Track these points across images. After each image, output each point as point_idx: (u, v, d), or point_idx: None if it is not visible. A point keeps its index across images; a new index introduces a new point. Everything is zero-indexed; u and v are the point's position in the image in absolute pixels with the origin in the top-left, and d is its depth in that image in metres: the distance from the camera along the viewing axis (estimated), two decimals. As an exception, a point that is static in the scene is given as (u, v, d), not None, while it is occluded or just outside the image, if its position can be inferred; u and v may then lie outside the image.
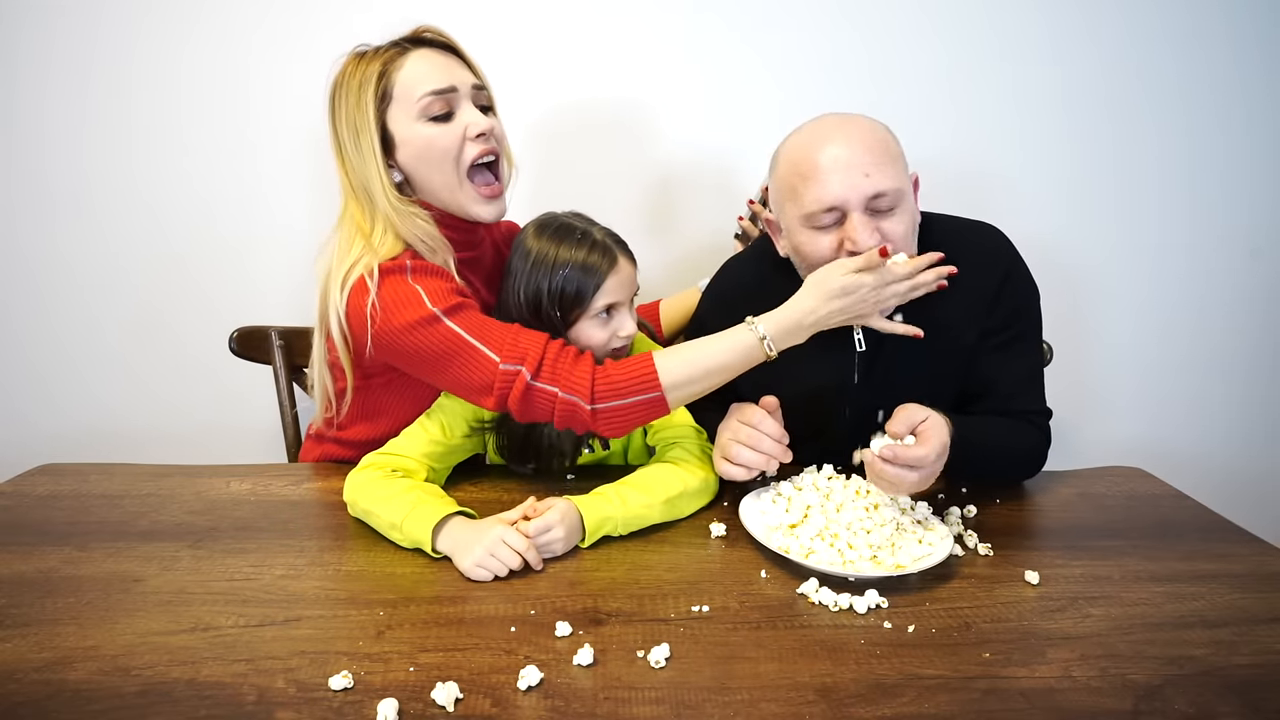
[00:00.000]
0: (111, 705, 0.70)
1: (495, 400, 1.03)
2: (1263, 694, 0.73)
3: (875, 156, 1.01)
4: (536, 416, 1.05)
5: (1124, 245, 1.75)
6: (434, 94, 1.07)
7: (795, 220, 1.06)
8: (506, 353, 1.02)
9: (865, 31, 1.61)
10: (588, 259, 1.06)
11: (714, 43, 1.61)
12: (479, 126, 1.10)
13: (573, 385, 1.02)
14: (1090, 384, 1.78)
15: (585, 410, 1.02)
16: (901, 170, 1.05)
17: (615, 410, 1.02)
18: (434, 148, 1.09)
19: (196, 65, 1.57)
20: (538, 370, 1.02)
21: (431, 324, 1.03)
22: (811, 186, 1.02)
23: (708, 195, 1.67)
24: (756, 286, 1.19)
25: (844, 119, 1.06)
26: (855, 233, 1.01)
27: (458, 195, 1.12)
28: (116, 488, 1.14)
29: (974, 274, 1.10)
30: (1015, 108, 1.65)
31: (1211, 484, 1.40)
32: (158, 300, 1.69)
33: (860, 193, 1.01)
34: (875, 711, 0.70)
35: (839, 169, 1.01)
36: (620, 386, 1.02)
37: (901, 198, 1.03)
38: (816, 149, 1.03)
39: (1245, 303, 1.79)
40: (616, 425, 1.04)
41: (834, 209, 1.02)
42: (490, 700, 0.71)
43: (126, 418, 1.74)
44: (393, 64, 1.08)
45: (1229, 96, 1.67)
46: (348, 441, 1.23)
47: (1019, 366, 1.15)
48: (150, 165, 1.62)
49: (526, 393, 1.02)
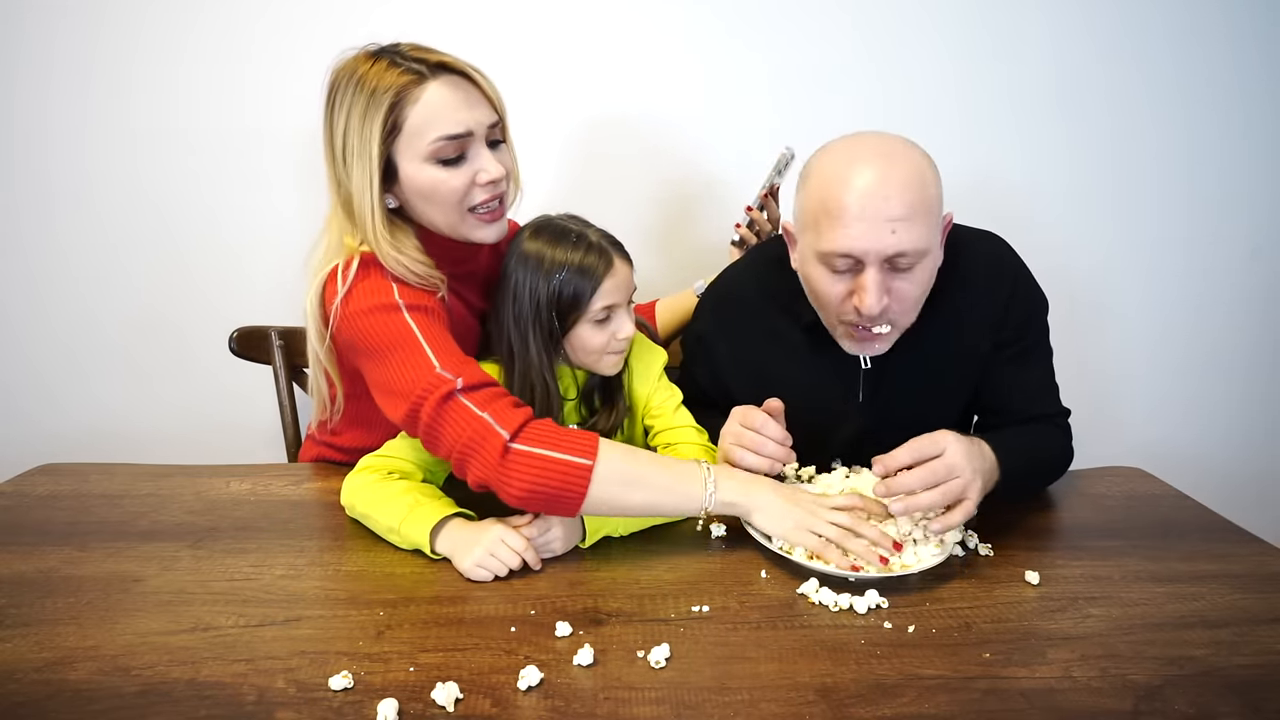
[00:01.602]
0: (111, 705, 0.70)
1: (408, 405, 0.94)
2: (1263, 694, 0.73)
3: (907, 210, 0.93)
4: (440, 438, 0.93)
5: (1123, 245, 1.75)
6: (447, 139, 1.00)
7: (811, 251, 1.01)
8: (449, 364, 0.95)
9: (868, 35, 1.61)
10: (584, 261, 1.05)
11: (714, 49, 1.61)
12: (489, 174, 1.04)
13: (501, 416, 0.91)
14: (1090, 384, 1.78)
15: (500, 442, 0.90)
16: (932, 224, 0.97)
17: (533, 459, 0.89)
18: (439, 191, 1.03)
19: (198, 64, 1.57)
20: (471, 390, 0.93)
21: (390, 311, 0.99)
22: (834, 228, 0.95)
23: (708, 199, 1.67)
24: (758, 295, 1.18)
25: (883, 152, 0.96)
26: (865, 292, 0.96)
27: (458, 227, 1.07)
28: (116, 488, 1.14)
29: (981, 287, 1.10)
30: (1013, 108, 1.66)
31: (1211, 484, 1.40)
32: (158, 300, 1.69)
33: (881, 248, 0.94)
34: (875, 711, 0.70)
35: (865, 217, 0.94)
36: (554, 437, 0.91)
37: (923, 256, 0.97)
38: (847, 184, 0.95)
39: (1245, 302, 1.79)
40: (523, 479, 0.89)
41: (850, 257, 0.96)
42: (490, 700, 0.71)
43: (127, 417, 1.74)
44: (407, 95, 0.99)
45: (1229, 96, 1.67)
46: (342, 448, 1.22)
47: (1034, 375, 1.14)
48: (151, 164, 1.62)
49: (445, 402, 0.92)
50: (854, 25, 1.61)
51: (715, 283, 1.29)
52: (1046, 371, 1.16)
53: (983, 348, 1.12)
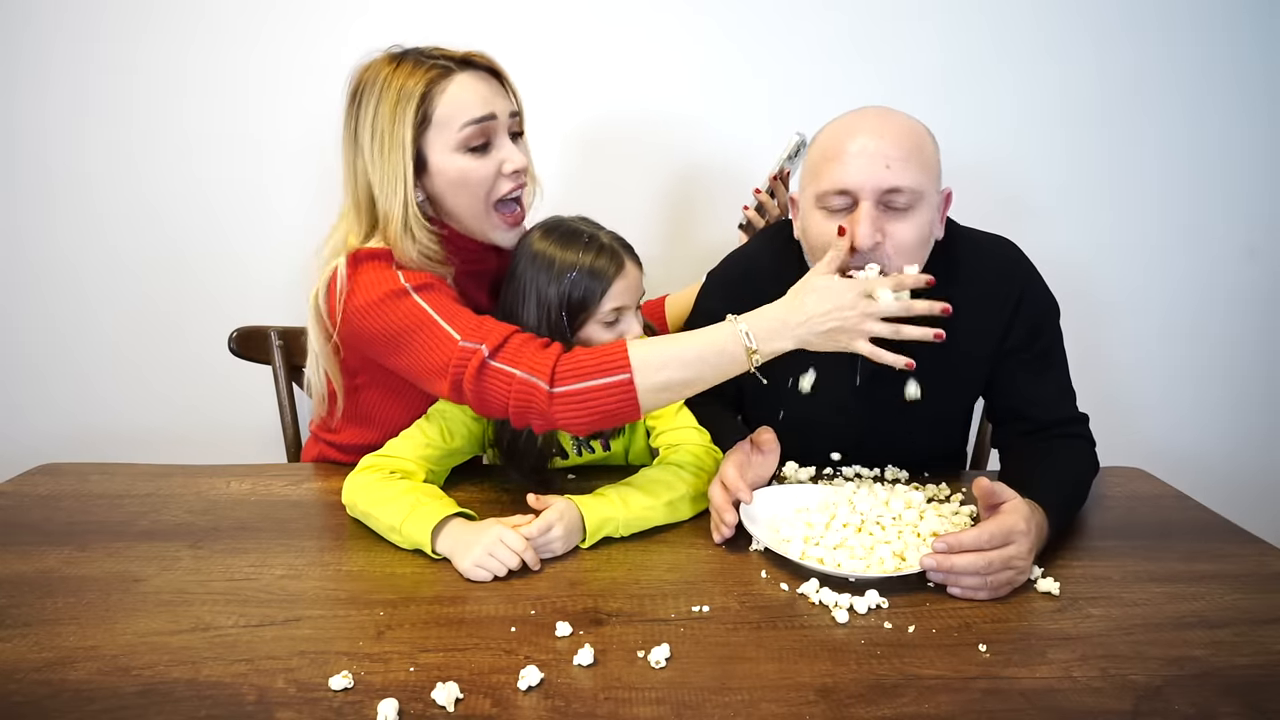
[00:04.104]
0: (111, 705, 0.70)
1: (449, 382, 0.97)
2: (1263, 694, 0.73)
3: (902, 152, 0.99)
4: (491, 403, 0.97)
5: (1122, 246, 1.75)
6: (474, 123, 1.05)
7: (810, 199, 1.05)
8: (468, 332, 0.98)
9: (873, 33, 1.62)
10: (595, 263, 1.06)
11: (720, 43, 1.61)
12: (514, 164, 1.09)
13: (534, 366, 0.94)
14: (1090, 385, 1.77)
15: (543, 392, 0.93)
16: (929, 175, 1.01)
17: (577, 395, 0.93)
18: (469, 180, 1.08)
19: (199, 64, 1.58)
20: (497, 350, 0.96)
21: (400, 297, 1.01)
22: (831, 167, 1.00)
23: (716, 195, 1.67)
24: (765, 271, 1.18)
25: (885, 112, 1.04)
26: (856, 224, 0.98)
27: (482, 223, 1.11)
28: (116, 488, 1.14)
29: (990, 289, 1.10)
30: (1016, 109, 1.66)
31: (1212, 484, 1.40)
32: (158, 300, 1.69)
33: (876, 182, 0.98)
34: (875, 711, 0.70)
35: (862, 155, 0.99)
36: (585, 366, 0.94)
37: (919, 200, 1.00)
38: (849, 134, 1.01)
39: (1245, 303, 1.79)
40: (578, 414, 0.93)
41: (846, 193, 1.00)
42: (490, 700, 0.71)
43: (127, 418, 1.74)
44: (436, 86, 1.04)
45: (1229, 95, 1.67)
46: (341, 445, 1.23)
47: (1049, 381, 1.15)
48: (151, 164, 1.62)
49: (481, 372, 0.95)
50: (857, 17, 1.61)
51: (724, 263, 1.29)
52: (1061, 377, 1.16)
53: (989, 348, 1.12)
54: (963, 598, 0.87)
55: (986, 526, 0.87)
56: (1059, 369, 1.16)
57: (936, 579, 0.88)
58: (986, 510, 0.92)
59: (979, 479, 0.93)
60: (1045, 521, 0.93)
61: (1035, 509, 0.92)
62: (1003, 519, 0.87)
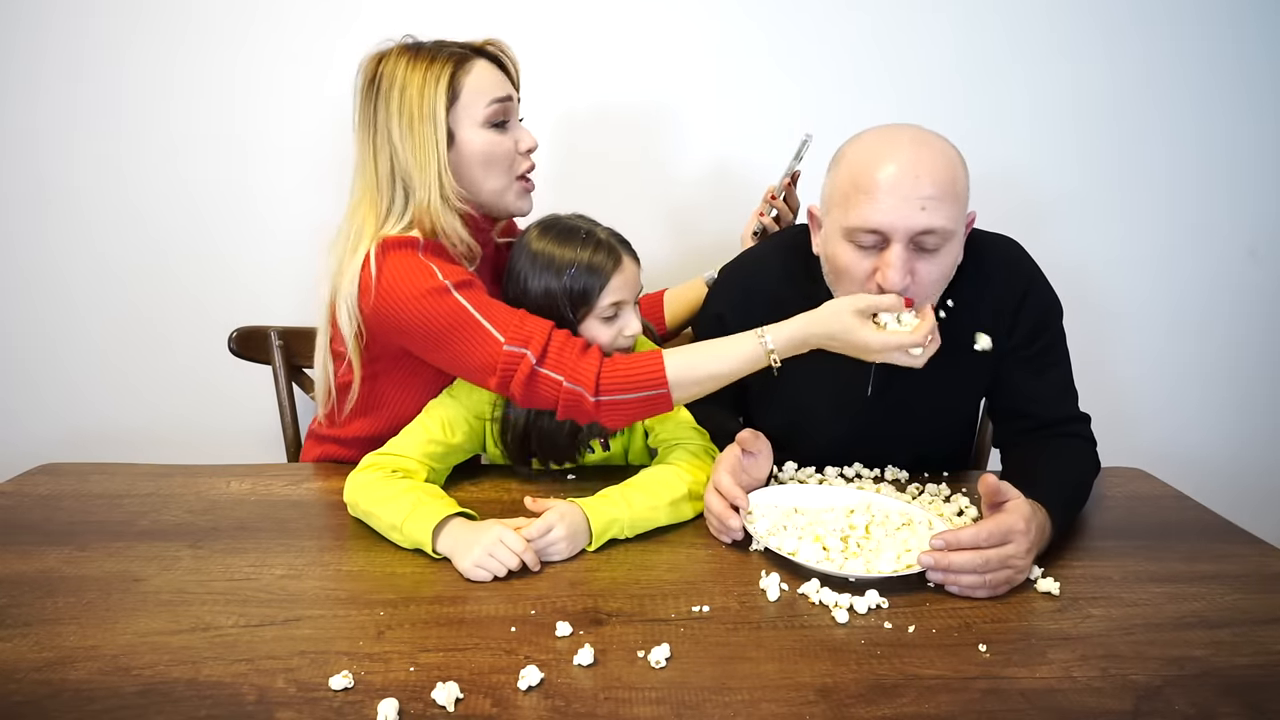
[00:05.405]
0: (111, 705, 0.70)
1: (498, 381, 1.04)
2: (1263, 695, 0.73)
3: (938, 190, 0.95)
4: (540, 403, 1.06)
5: (1127, 247, 1.75)
6: (498, 101, 1.13)
7: (837, 228, 1.02)
8: (512, 334, 1.04)
9: (881, 32, 1.61)
10: (593, 259, 1.06)
11: (728, 42, 1.61)
12: (528, 143, 1.18)
13: (578, 376, 1.03)
14: (1090, 385, 1.77)
15: (589, 402, 1.03)
16: (960, 211, 0.99)
17: (619, 404, 1.04)
18: (496, 152, 1.14)
19: (189, 65, 1.57)
20: (543, 356, 1.03)
21: (441, 295, 1.04)
22: (863, 202, 0.97)
23: (719, 192, 1.67)
24: (779, 281, 1.18)
25: (919, 139, 0.99)
26: (889, 268, 0.97)
27: (505, 194, 1.18)
28: (117, 488, 1.14)
29: (996, 288, 1.10)
30: (1029, 110, 1.65)
31: (1212, 485, 1.40)
32: (156, 302, 1.69)
33: (909, 224, 0.95)
34: (875, 711, 0.70)
35: (897, 193, 0.95)
36: (627, 381, 1.03)
37: (949, 239, 0.98)
38: (880, 163, 0.97)
39: (1248, 304, 1.79)
40: (619, 417, 1.06)
41: (878, 233, 0.97)
42: (490, 700, 0.71)
43: (125, 419, 1.74)
44: (461, 67, 1.11)
45: (1231, 96, 1.67)
46: (347, 440, 1.23)
47: (1052, 380, 1.15)
48: (146, 164, 1.61)
49: (531, 378, 1.03)
50: (868, 16, 1.60)
51: (736, 264, 1.28)
52: (1064, 376, 1.16)
53: (994, 345, 1.12)
54: (961, 596, 0.87)
55: (985, 525, 0.87)
56: (1061, 368, 1.16)
57: (934, 577, 0.88)
58: (989, 508, 0.92)
59: (986, 476, 0.93)
60: (1047, 522, 0.93)
61: (1037, 509, 0.92)
62: (1002, 518, 0.88)
